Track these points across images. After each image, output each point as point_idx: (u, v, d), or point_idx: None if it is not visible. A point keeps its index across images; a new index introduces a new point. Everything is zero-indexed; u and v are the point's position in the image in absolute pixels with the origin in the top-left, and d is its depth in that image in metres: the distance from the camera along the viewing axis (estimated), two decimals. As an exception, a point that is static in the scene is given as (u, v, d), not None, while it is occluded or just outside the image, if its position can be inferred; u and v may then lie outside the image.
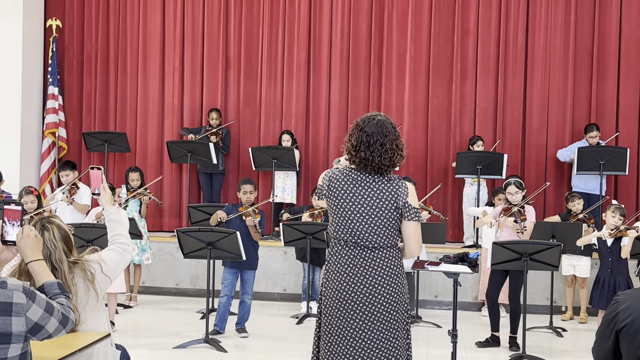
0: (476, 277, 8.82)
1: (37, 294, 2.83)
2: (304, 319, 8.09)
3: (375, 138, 3.81)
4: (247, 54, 10.79)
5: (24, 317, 2.75)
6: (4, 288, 2.76)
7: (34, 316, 2.78)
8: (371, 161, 3.81)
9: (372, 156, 3.81)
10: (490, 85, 10.35)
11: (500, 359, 6.62)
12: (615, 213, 7.26)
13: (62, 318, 2.90)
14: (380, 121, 3.86)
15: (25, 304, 2.76)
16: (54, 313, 2.86)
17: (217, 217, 7.13)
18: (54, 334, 2.87)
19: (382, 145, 3.80)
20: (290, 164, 9.73)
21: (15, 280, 2.83)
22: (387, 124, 3.86)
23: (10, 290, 2.76)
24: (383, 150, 3.80)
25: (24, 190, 7.57)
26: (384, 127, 3.84)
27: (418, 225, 3.87)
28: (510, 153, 9.95)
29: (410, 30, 10.43)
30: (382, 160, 3.81)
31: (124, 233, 3.98)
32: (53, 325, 2.85)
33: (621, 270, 7.37)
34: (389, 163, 3.83)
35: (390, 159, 3.83)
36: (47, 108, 10.89)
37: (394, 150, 3.83)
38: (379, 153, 3.80)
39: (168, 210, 10.83)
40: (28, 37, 10.71)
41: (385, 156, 3.81)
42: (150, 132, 10.95)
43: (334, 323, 3.84)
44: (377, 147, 3.80)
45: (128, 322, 8.06)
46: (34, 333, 2.80)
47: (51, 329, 2.85)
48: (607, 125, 10.01)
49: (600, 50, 10.15)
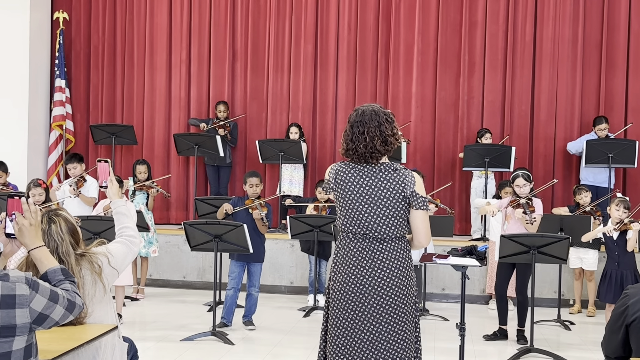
0: (483, 270, 8.80)
1: (40, 284, 2.81)
2: (311, 311, 8.09)
3: (356, 128, 3.83)
4: (254, 46, 10.77)
5: (28, 308, 2.73)
6: (6, 280, 2.74)
7: (37, 306, 2.76)
8: (354, 151, 3.82)
9: (354, 145, 3.82)
10: (498, 78, 10.30)
11: (508, 352, 6.60)
12: (620, 206, 7.22)
13: (68, 304, 2.88)
14: (362, 111, 3.86)
15: (29, 295, 2.75)
16: (59, 300, 2.84)
17: (223, 209, 7.14)
18: (61, 321, 2.85)
19: (364, 133, 3.80)
20: (297, 157, 9.71)
21: (18, 272, 2.81)
22: (369, 112, 3.83)
23: (12, 282, 2.74)
24: (367, 137, 3.78)
25: (32, 183, 7.58)
26: (365, 116, 3.82)
27: (426, 214, 3.85)
28: (518, 146, 9.91)
29: (417, 23, 10.39)
30: (369, 148, 3.79)
31: (132, 226, 3.97)
32: (59, 312, 2.83)
33: (628, 263, 7.32)
34: (379, 149, 3.79)
35: (382, 145, 3.79)
36: (54, 101, 10.91)
37: (378, 137, 3.79)
38: (363, 141, 3.79)
39: (175, 203, 10.84)
40: (35, 30, 10.72)
41: (370, 144, 3.78)
42: (157, 125, 10.96)
43: (341, 315, 3.83)
44: (358, 136, 3.81)
45: (135, 315, 8.07)
46: (39, 323, 2.78)
47: (57, 317, 2.82)
48: (616, 117, 9.96)
49: (609, 42, 10.09)
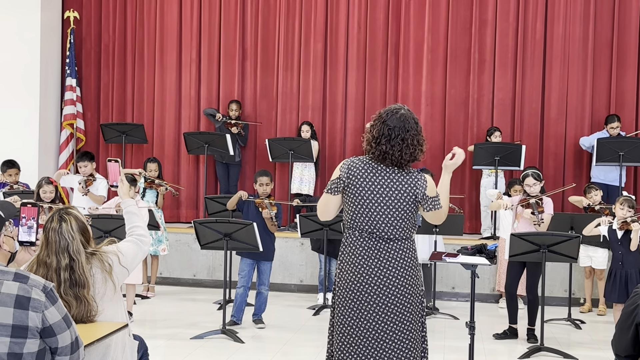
0: (493, 269, 8.78)
1: (58, 300, 2.83)
2: (321, 310, 8.09)
3: (397, 132, 3.80)
4: (263, 45, 10.78)
5: (42, 313, 2.75)
6: (25, 283, 2.77)
7: (51, 318, 2.77)
8: (391, 155, 3.80)
9: (392, 150, 3.80)
10: (508, 76, 10.27)
11: (518, 351, 6.59)
12: (624, 205, 7.17)
13: (75, 341, 2.88)
14: (403, 115, 3.84)
15: (44, 302, 2.76)
16: (70, 328, 2.85)
17: (239, 195, 7.22)
18: (61, 353, 2.83)
19: (403, 140, 3.79)
20: (307, 156, 9.72)
21: (39, 278, 2.83)
22: (410, 119, 3.84)
23: (30, 285, 2.77)
24: (404, 145, 3.79)
25: (44, 180, 7.62)
26: (407, 122, 3.82)
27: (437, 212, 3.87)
28: (528, 144, 9.86)
29: (427, 21, 10.37)
30: (403, 155, 3.80)
31: (142, 225, 4.00)
32: (66, 339, 2.82)
33: (633, 262, 7.24)
34: (409, 158, 3.83)
35: (411, 154, 3.83)
36: (65, 100, 10.94)
37: (415, 146, 3.82)
38: (399, 147, 3.79)
39: (185, 201, 10.86)
40: (46, 29, 10.76)
41: (406, 151, 3.80)
42: (168, 124, 10.98)
43: (347, 314, 3.83)
44: (398, 141, 3.79)
45: (146, 313, 8.10)
46: (46, 336, 2.78)
47: (62, 343, 2.81)
48: (627, 116, 9.91)
49: (620, 41, 10.04)
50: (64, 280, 3.45)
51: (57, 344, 2.80)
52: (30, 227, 3.23)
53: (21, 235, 3.23)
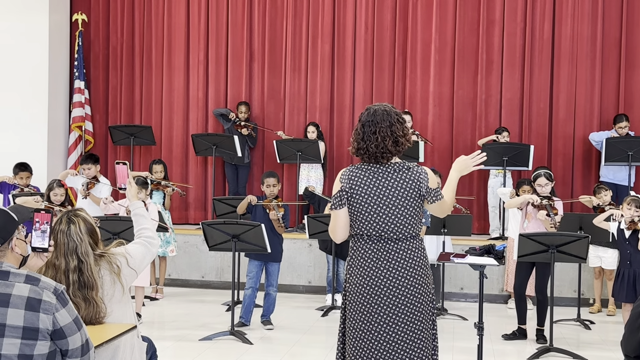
0: (502, 269, 8.76)
1: (69, 303, 2.85)
2: (329, 311, 8.09)
3: (368, 127, 3.81)
4: (271, 46, 10.79)
5: (52, 315, 2.76)
6: (36, 285, 2.78)
7: (62, 320, 2.79)
8: (365, 150, 3.81)
9: (365, 145, 3.81)
10: (516, 76, 10.24)
11: (527, 352, 6.57)
12: (631, 205, 7.14)
13: (85, 344, 2.89)
14: (374, 110, 3.85)
15: (55, 304, 2.77)
16: (81, 330, 2.86)
17: (248, 199, 7.21)
18: (72, 355, 2.85)
19: (375, 133, 3.78)
20: (314, 157, 9.72)
21: (50, 280, 2.84)
22: (380, 112, 3.82)
23: (41, 288, 2.78)
24: (378, 137, 3.78)
25: (55, 183, 7.64)
26: (377, 115, 3.81)
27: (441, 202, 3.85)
28: (536, 144, 9.84)
29: (435, 21, 10.36)
30: (377, 149, 3.78)
31: (150, 227, 4.01)
32: (77, 341, 2.84)
33: None
34: (391, 149, 3.79)
35: (393, 145, 3.79)
36: (74, 102, 10.98)
37: (391, 136, 3.78)
38: (374, 141, 3.78)
39: (193, 202, 10.88)
40: (54, 32, 10.80)
41: (382, 143, 3.77)
42: (176, 125, 11.00)
43: (359, 318, 3.82)
44: (370, 135, 3.80)
45: (154, 314, 8.11)
46: (56, 338, 2.80)
47: (73, 345, 2.83)
48: (636, 116, 9.87)
49: (629, 40, 10.00)
50: (73, 282, 3.46)
51: (67, 346, 2.82)
52: (44, 231, 3.23)
53: (34, 241, 3.23)
